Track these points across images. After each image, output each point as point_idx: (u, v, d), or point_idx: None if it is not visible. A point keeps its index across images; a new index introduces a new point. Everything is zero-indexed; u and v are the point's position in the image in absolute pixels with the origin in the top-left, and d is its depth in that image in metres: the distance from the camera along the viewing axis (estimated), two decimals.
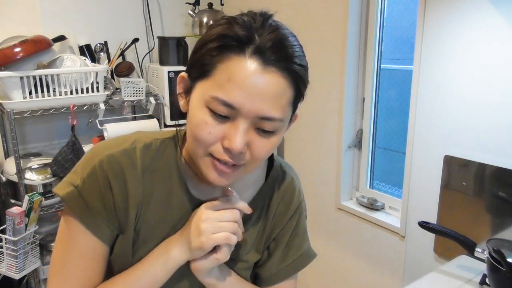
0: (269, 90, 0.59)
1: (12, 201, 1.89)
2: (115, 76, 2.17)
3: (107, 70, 2.04)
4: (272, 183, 0.80)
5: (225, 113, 0.59)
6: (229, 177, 0.64)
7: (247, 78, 0.58)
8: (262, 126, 0.61)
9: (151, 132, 0.75)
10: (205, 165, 0.63)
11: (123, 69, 2.14)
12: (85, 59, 2.00)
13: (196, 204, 0.72)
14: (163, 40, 2.19)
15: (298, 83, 0.63)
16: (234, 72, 0.58)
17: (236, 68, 0.58)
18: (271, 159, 0.82)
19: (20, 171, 1.81)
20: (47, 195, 1.89)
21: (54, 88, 1.83)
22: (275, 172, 0.81)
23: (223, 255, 0.68)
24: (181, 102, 0.68)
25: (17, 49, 1.68)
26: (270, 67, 0.58)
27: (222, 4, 2.32)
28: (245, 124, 0.60)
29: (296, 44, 0.64)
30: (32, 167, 1.90)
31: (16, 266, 1.74)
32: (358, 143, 1.91)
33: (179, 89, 0.68)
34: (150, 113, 2.19)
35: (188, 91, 0.65)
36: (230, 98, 0.58)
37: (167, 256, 0.69)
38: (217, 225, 0.66)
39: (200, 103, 0.61)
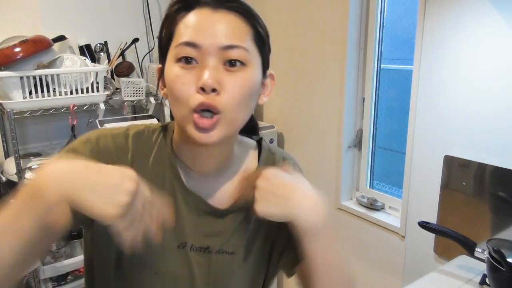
0: (224, 24, 0.63)
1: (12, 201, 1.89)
2: (115, 76, 2.17)
3: (107, 70, 2.04)
4: (264, 166, 0.76)
5: (191, 54, 0.62)
6: (213, 131, 0.63)
7: (201, 21, 0.64)
8: (228, 57, 0.63)
9: (143, 123, 0.78)
10: (189, 126, 0.64)
11: (123, 69, 2.14)
12: (85, 59, 1.99)
13: (187, 192, 0.71)
14: None
15: (252, 21, 0.66)
16: (189, 21, 0.64)
17: (190, 18, 0.65)
18: (259, 144, 0.81)
19: (20, 171, 1.80)
20: None
21: (54, 88, 1.83)
22: (264, 155, 0.80)
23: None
24: (162, 92, 0.71)
25: (17, 49, 1.68)
26: (218, 9, 0.64)
27: None
28: (211, 60, 0.62)
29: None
30: (32, 167, 1.89)
31: None
32: (358, 143, 1.91)
33: (158, 79, 0.72)
34: (150, 113, 2.19)
35: (163, 75, 0.68)
36: (190, 38, 0.63)
37: None
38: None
39: (170, 64, 0.65)
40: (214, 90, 0.62)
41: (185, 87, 0.63)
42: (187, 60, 0.63)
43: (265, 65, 0.70)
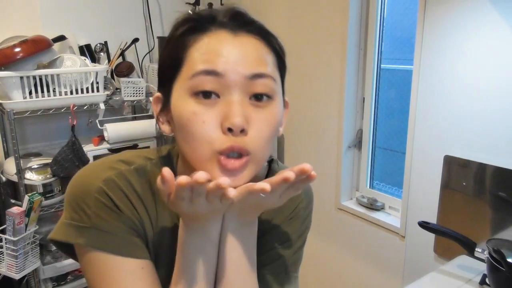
0: (247, 50, 0.56)
1: (12, 201, 1.89)
2: (115, 76, 2.17)
3: (107, 70, 2.04)
4: None
5: (213, 87, 0.54)
6: (242, 173, 0.56)
7: (222, 46, 0.56)
8: (255, 90, 0.56)
9: (138, 152, 0.70)
10: (213, 168, 0.55)
11: (123, 69, 2.14)
12: (85, 59, 2.00)
13: None
14: (163, 40, 2.18)
15: (274, 45, 0.61)
16: (207, 46, 0.56)
17: (208, 42, 0.56)
18: (270, 165, 0.75)
19: (20, 171, 1.81)
20: (47, 195, 1.89)
21: (54, 88, 1.83)
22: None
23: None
24: (162, 126, 0.62)
25: (17, 49, 1.68)
26: (238, 32, 0.57)
27: (222, 4, 2.32)
28: (237, 94, 0.55)
29: (257, 20, 0.62)
30: (32, 167, 1.89)
31: (16, 266, 1.74)
32: (358, 143, 1.91)
33: (156, 111, 0.62)
34: (150, 113, 2.19)
35: (166, 107, 0.60)
36: (210, 65, 0.54)
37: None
38: None
39: (183, 98, 0.56)
40: (242, 130, 0.54)
41: (206, 126, 0.54)
42: (206, 94, 0.54)
43: (283, 91, 0.64)
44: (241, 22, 0.58)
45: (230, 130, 0.54)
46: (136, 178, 0.64)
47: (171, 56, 0.59)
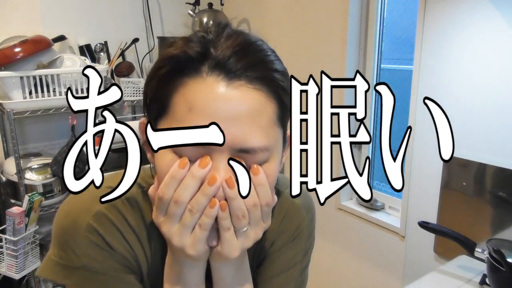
0: (241, 111, 0.47)
1: (12, 201, 1.89)
2: (115, 76, 2.17)
3: (107, 70, 2.04)
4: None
5: (196, 154, 0.48)
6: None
7: (210, 102, 0.47)
8: (242, 159, 0.49)
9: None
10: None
11: (123, 69, 2.14)
12: (85, 59, 2.00)
13: None
14: (163, 40, 2.19)
15: (279, 93, 0.51)
16: (194, 99, 0.47)
17: (195, 93, 0.47)
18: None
19: (20, 171, 1.80)
20: (47, 195, 1.89)
21: (54, 88, 1.83)
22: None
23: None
24: (148, 154, 0.56)
25: (17, 49, 1.68)
26: (236, 80, 0.48)
27: (222, 4, 2.32)
28: (222, 162, 0.48)
29: (266, 48, 0.52)
30: (32, 167, 1.89)
31: (16, 266, 1.74)
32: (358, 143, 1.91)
33: (143, 137, 0.55)
34: None
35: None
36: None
37: None
38: None
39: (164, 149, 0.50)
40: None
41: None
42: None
43: (285, 130, 0.56)
44: (243, 66, 0.48)
45: None
46: (128, 208, 0.59)
47: (155, 93, 0.52)
